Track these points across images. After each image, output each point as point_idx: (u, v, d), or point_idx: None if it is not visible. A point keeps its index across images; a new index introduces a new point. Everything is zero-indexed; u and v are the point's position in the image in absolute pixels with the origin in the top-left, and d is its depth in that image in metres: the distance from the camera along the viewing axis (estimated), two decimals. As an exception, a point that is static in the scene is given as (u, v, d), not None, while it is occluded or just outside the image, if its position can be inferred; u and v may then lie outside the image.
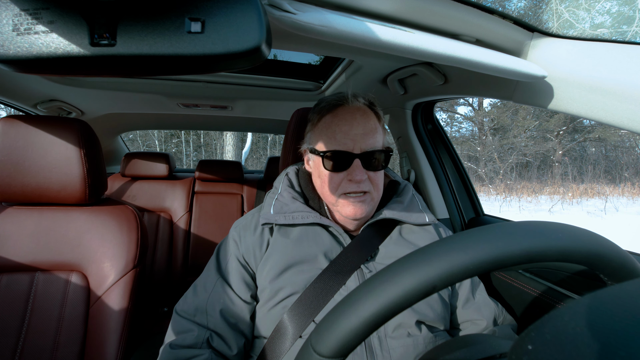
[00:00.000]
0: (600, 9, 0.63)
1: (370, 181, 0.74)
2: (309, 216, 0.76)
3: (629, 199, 11.00)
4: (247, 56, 0.39)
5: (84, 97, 1.59)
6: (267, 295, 0.71)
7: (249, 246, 0.77)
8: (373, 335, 0.66)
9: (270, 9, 0.49)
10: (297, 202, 0.79)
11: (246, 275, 0.76)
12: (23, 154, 0.88)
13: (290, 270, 0.72)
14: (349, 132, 0.72)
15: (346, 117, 0.74)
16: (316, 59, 1.63)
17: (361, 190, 0.73)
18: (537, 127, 14.80)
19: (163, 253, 1.93)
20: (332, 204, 0.77)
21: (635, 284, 0.22)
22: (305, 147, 0.83)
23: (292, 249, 0.73)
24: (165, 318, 1.77)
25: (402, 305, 0.30)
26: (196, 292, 0.76)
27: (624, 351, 0.18)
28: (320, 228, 0.78)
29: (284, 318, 0.68)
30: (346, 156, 0.72)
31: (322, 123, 0.77)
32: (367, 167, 0.73)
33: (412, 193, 0.86)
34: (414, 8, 0.62)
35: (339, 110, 0.75)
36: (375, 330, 0.31)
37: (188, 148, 17.51)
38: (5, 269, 0.86)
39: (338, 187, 0.74)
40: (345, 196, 0.74)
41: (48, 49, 0.37)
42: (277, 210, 0.77)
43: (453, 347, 0.42)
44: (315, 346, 0.32)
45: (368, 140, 0.73)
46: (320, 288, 0.69)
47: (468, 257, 0.30)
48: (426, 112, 1.42)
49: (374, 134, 0.74)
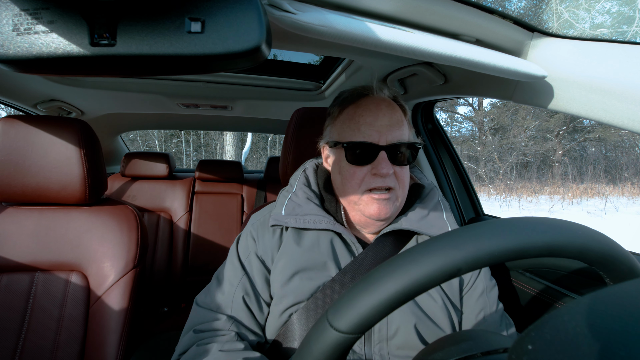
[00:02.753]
0: (600, 9, 0.63)
1: (396, 177, 0.69)
2: (323, 221, 0.71)
3: (629, 199, 11.00)
4: (247, 56, 0.39)
5: (84, 97, 1.59)
6: (277, 298, 0.70)
7: (266, 247, 0.73)
8: (375, 354, 0.64)
9: (270, 9, 0.49)
10: (311, 203, 0.74)
11: (266, 273, 0.73)
12: (23, 154, 0.88)
13: (297, 276, 0.69)
14: (374, 123, 0.68)
15: (371, 108, 0.69)
16: (316, 59, 1.63)
17: (386, 186, 0.68)
18: (537, 127, 14.80)
19: (163, 253, 1.93)
20: (354, 202, 0.71)
21: (635, 284, 0.22)
22: (324, 142, 0.78)
23: (301, 255, 0.70)
24: (165, 318, 1.77)
25: (425, 286, 0.31)
26: (220, 285, 0.73)
27: (624, 351, 0.18)
28: (333, 234, 0.73)
29: (292, 323, 0.66)
30: (371, 148, 0.67)
31: (344, 115, 0.72)
32: (393, 160, 0.68)
33: (437, 199, 0.78)
34: (414, 8, 0.62)
35: (363, 100, 0.71)
36: (395, 309, 0.31)
37: (188, 148, 17.51)
38: (5, 269, 0.86)
39: (362, 183, 0.69)
40: (370, 193, 0.69)
41: (48, 49, 0.37)
42: (289, 211, 0.73)
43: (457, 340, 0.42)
44: (332, 321, 0.32)
45: (394, 132, 0.68)
46: (327, 297, 0.66)
47: (494, 243, 0.31)
48: (426, 112, 1.42)
49: (401, 127, 0.70)
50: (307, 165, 0.84)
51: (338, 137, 0.72)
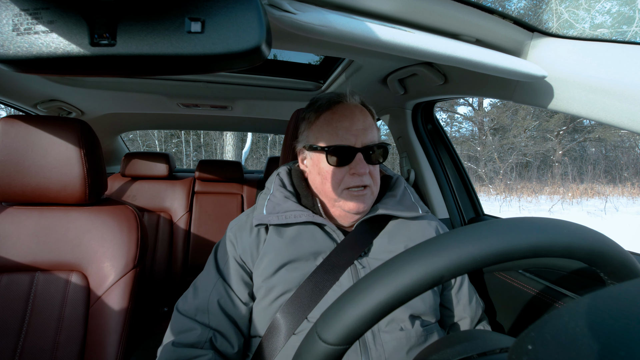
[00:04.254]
0: (600, 9, 0.63)
1: (370, 175, 0.76)
2: (302, 215, 0.77)
3: (629, 199, 11.00)
4: (247, 56, 0.39)
5: (84, 97, 1.59)
6: (262, 293, 0.72)
7: (245, 247, 0.77)
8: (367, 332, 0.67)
9: (270, 8, 0.49)
10: (289, 201, 0.80)
11: (244, 275, 0.76)
12: (23, 154, 0.87)
13: (284, 269, 0.72)
14: (351, 127, 0.75)
15: (346, 114, 0.76)
16: (316, 59, 1.63)
17: (363, 184, 0.75)
18: (537, 127, 14.80)
19: (163, 253, 1.93)
20: (334, 199, 0.78)
21: (635, 284, 0.22)
22: (301, 146, 0.83)
23: (286, 248, 0.74)
24: (165, 318, 1.77)
25: (409, 295, 0.31)
26: (196, 291, 0.76)
27: (624, 351, 0.18)
28: (313, 226, 0.78)
29: (278, 316, 0.69)
30: (349, 151, 0.74)
31: (321, 120, 0.78)
32: (368, 160, 0.75)
33: (403, 186, 0.88)
34: (414, 8, 0.62)
35: (338, 107, 0.78)
36: (382, 319, 0.31)
37: (188, 148, 17.51)
38: (5, 269, 0.86)
39: (341, 182, 0.75)
40: (348, 191, 0.75)
41: (48, 49, 0.37)
42: (270, 210, 0.78)
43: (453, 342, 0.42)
44: (321, 333, 0.32)
45: (368, 135, 0.76)
46: (314, 285, 0.69)
47: (476, 248, 0.31)
48: (426, 112, 1.42)
49: (372, 130, 0.77)
50: (280, 170, 0.91)
51: (316, 141, 0.78)
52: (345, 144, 0.74)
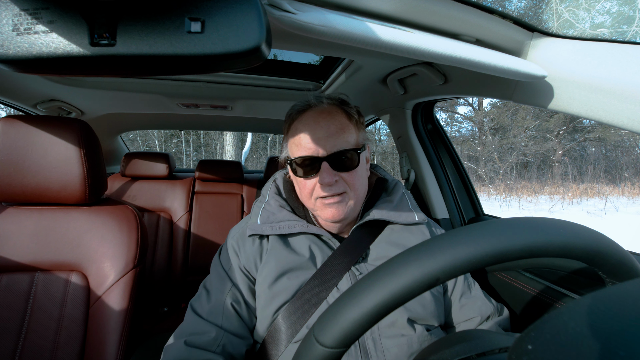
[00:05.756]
0: (600, 9, 0.63)
1: (345, 182, 0.73)
2: (296, 225, 0.76)
3: (629, 199, 11.00)
4: (247, 56, 0.39)
5: (84, 97, 1.58)
6: (263, 302, 0.72)
7: (249, 257, 0.76)
8: (367, 336, 0.67)
9: (270, 8, 0.49)
10: (284, 210, 0.79)
11: (250, 284, 0.76)
12: (23, 154, 0.87)
13: (284, 277, 0.72)
14: (313, 135, 0.71)
15: (309, 122, 0.73)
16: (316, 59, 1.63)
17: (334, 193, 0.72)
18: (537, 127, 14.79)
19: (163, 253, 1.93)
20: (312, 209, 0.77)
21: (635, 284, 0.22)
22: (282, 158, 0.82)
23: (285, 256, 0.73)
24: (165, 318, 1.77)
25: (405, 297, 0.31)
26: (209, 294, 0.75)
27: (624, 351, 0.18)
28: (310, 235, 0.77)
29: (278, 323, 0.69)
30: (313, 160, 0.71)
31: (290, 131, 0.77)
32: (337, 168, 0.71)
33: (402, 192, 0.85)
34: (414, 8, 0.62)
35: (303, 116, 0.75)
36: (378, 321, 0.31)
37: (188, 148, 17.51)
38: (5, 269, 0.86)
39: (312, 192, 0.74)
40: (321, 200, 0.73)
41: (48, 49, 0.37)
42: (264, 220, 0.77)
43: (452, 342, 0.42)
44: (318, 337, 0.32)
45: (334, 141, 0.71)
46: (311, 292, 0.69)
47: (471, 250, 0.31)
48: (426, 112, 1.42)
49: (341, 134, 0.72)
50: (277, 175, 0.89)
51: (288, 152, 0.77)
52: (307, 155, 0.71)
